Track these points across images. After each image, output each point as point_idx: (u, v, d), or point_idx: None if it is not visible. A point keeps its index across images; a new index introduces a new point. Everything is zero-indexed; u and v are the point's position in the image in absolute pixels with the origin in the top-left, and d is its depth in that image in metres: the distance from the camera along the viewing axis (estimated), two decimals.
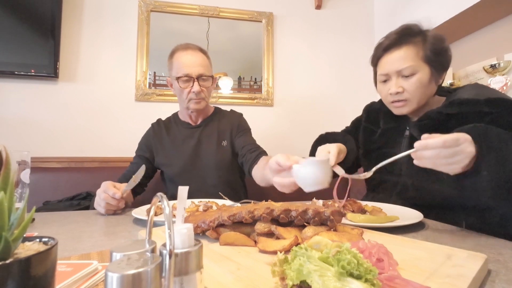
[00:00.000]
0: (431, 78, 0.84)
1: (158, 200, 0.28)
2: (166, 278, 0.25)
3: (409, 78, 0.84)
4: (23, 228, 0.25)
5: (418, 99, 0.85)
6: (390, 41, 0.86)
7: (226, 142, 1.22)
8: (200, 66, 1.12)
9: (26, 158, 0.71)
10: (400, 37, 0.85)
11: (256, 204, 0.57)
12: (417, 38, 0.84)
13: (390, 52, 0.86)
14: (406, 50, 0.84)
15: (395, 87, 0.86)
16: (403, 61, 0.83)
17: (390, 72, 0.86)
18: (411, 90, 0.84)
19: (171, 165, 1.19)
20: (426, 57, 0.83)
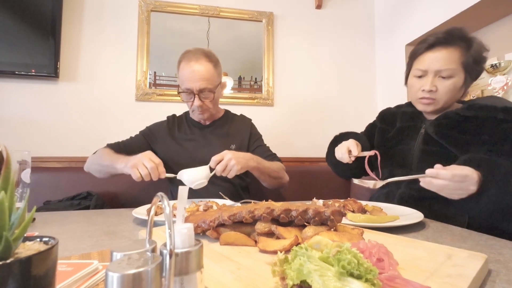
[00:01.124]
0: (463, 84, 0.86)
1: (159, 200, 0.28)
2: (167, 278, 0.25)
3: (445, 80, 0.85)
4: (23, 227, 0.25)
5: (445, 101, 0.88)
6: (437, 38, 0.86)
7: (235, 146, 1.23)
8: (202, 81, 1.09)
9: (26, 157, 0.71)
10: (449, 36, 0.86)
11: (257, 204, 0.57)
12: (463, 43, 0.85)
13: (434, 50, 0.87)
14: (451, 52, 0.84)
15: (429, 85, 0.86)
16: (445, 62, 0.84)
17: (429, 69, 0.87)
18: (444, 92, 0.86)
19: (177, 160, 1.20)
20: (467, 63, 0.84)
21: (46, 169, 1.48)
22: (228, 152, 0.97)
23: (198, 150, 1.21)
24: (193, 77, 1.09)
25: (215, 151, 1.19)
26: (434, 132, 0.86)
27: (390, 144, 1.02)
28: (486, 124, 0.79)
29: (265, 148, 1.30)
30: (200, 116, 1.20)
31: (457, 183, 0.65)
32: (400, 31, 1.88)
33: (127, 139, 1.25)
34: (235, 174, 0.96)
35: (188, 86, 1.10)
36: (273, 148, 1.34)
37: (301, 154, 1.94)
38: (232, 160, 0.95)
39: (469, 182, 0.65)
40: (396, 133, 1.01)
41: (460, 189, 0.66)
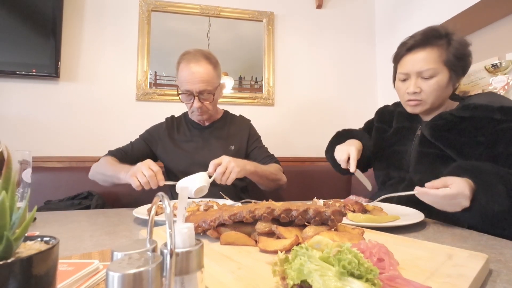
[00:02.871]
0: (449, 81, 0.85)
1: (159, 200, 0.28)
2: (167, 278, 0.25)
3: (428, 80, 0.85)
4: (24, 227, 0.25)
5: (433, 101, 0.87)
6: (414, 41, 0.86)
7: (234, 147, 1.23)
8: (202, 82, 1.09)
9: (27, 157, 0.71)
10: (425, 38, 0.85)
11: (257, 204, 0.57)
12: (442, 41, 0.84)
13: (413, 53, 0.87)
14: (430, 52, 0.84)
15: (413, 87, 0.86)
16: (425, 63, 0.84)
17: (410, 72, 0.87)
18: (428, 91, 0.85)
19: (176, 162, 1.20)
20: (448, 61, 0.83)
21: (47, 168, 1.48)
22: (226, 157, 0.97)
23: (197, 152, 1.21)
24: (193, 79, 1.08)
25: (214, 153, 1.19)
26: (429, 134, 0.86)
27: (386, 144, 1.02)
28: (482, 125, 0.78)
29: (263, 149, 1.30)
30: (199, 117, 1.20)
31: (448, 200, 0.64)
32: (401, 31, 1.88)
33: (128, 144, 1.25)
34: (234, 177, 0.95)
35: (188, 88, 1.09)
36: (274, 148, 1.34)
37: (302, 154, 1.94)
38: (231, 163, 0.95)
39: (461, 199, 0.63)
40: (393, 134, 1.01)
41: (452, 204, 0.65)
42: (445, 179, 0.66)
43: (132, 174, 0.90)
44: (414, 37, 0.88)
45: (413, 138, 0.94)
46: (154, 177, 0.89)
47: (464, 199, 0.63)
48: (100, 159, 1.14)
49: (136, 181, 0.89)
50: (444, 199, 0.64)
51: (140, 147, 1.23)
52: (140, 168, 0.90)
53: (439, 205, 0.67)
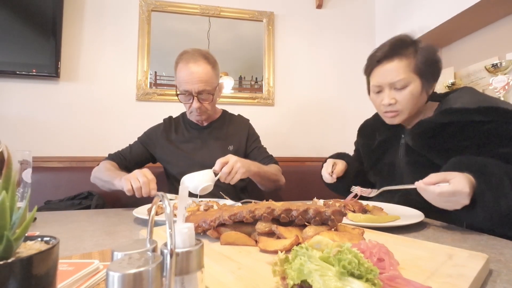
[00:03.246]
0: (422, 89, 0.84)
1: (159, 200, 0.28)
2: (167, 278, 0.25)
3: (401, 90, 0.84)
4: (24, 227, 0.25)
5: (410, 110, 0.86)
6: (382, 53, 0.86)
7: (233, 147, 1.23)
8: (201, 82, 1.08)
9: (27, 157, 0.71)
10: (392, 49, 0.85)
11: (257, 204, 0.57)
12: (409, 50, 0.84)
13: (383, 64, 0.86)
14: (398, 63, 0.83)
15: (388, 99, 0.86)
16: (396, 74, 0.83)
17: (382, 84, 0.86)
18: (404, 102, 0.85)
19: (175, 163, 1.20)
20: (418, 69, 0.83)
21: (47, 168, 1.48)
22: (233, 156, 0.97)
23: (196, 152, 1.21)
24: (191, 79, 1.08)
25: (213, 153, 1.19)
26: (412, 143, 0.85)
27: (374, 159, 1.01)
28: (464, 129, 0.76)
29: (262, 150, 1.29)
30: (198, 117, 1.19)
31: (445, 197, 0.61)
32: (401, 30, 1.85)
33: (126, 147, 1.25)
34: (239, 178, 0.95)
35: (187, 88, 1.09)
36: (274, 148, 1.34)
37: (302, 154, 1.94)
38: (238, 163, 0.94)
39: (459, 197, 0.60)
40: (378, 147, 1.00)
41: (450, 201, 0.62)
42: (445, 174, 0.62)
43: (126, 178, 0.91)
44: (381, 48, 0.87)
45: (399, 148, 0.93)
46: (147, 184, 0.89)
47: (464, 197, 0.59)
48: (100, 164, 1.15)
49: (128, 185, 0.89)
50: (441, 196, 0.61)
51: (139, 151, 1.24)
52: (136, 174, 0.91)
53: (436, 203, 0.63)
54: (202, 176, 0.89)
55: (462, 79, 1.63)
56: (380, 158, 0.99)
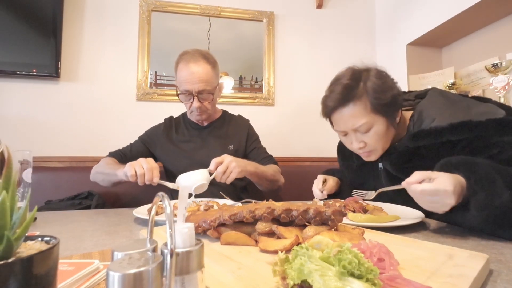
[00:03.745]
0: (388, 125, 0.80)
1: (159, 200, 0.28)
2: (167, 278, 0.25)
3: (367, 133, 0.81)
4: (25, 227, 0.25)
5: (382, 147, 0.83)
6: (334, 102, 0.82)
7: (233, 147, 1.23)
8: (201, 82, 1.09)
9: (28, 157, 0.71)
10: (342, 96, 0.80)
11: (257, 204, 0.57)
12: (360, 90, 0.79)
13: (339, 111, 0.82)
14: (353, 108, 0.79)
15: (356, 143, 0.83)
16: (356, 120, 0.79)
17: (346, 129, 0.83)
18: (372, 143, 0.81)
19: (175, 163, 1.21)
20: (375, 109, 0.78)
21: (47, 168, 1.48)
22: (228, 156, 0.97)
23: (196, 152, 1.21)
24: (192, 78, 1.08)
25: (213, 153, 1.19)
26: (392, 169, 0.83)
27: (358, 182, 0.99)
28: (439, 150, 0.73)
29: (262, 150, 1.30)
30: (198, 117, 1.20)
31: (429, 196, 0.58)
32: (401, 30, 1.88)
33: (127, 146, 1.26)
34: (234, 177, 0.95)
35: (187, 88, 1.09)
36: (274, 148, 1.34)
37: (302, 154, 1.94)
38: (232, 163, 0.95)
39: (443, 196, 0.57)
40: (357, 170, 0.98)
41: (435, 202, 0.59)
42: (430, 173, 0.60)
43: (130, 164, 0.91)
44: (331, 97, 0.83)
45: (379, 174, 0.91)
46: (151, 170, 0.88)
47: (447, 196, 0.56)
48: (100, 161, 1.15)
49: (132, 170, 0.88)
50: (423, 194, 0.59)
51: (139, 149, 1.24)
52: (140, 161, 0.91)
53: (421, 202, 0.61)
54: (197, 175, 0.89)
55: (463, 79, 1.63)
56: (364, 182, 0.98)
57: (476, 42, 1.62)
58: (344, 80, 0.82)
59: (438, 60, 1.87)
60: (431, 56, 1.85)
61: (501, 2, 1.35)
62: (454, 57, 1.79)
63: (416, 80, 1.78)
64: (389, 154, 0.83)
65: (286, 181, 1.24)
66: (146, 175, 0.88)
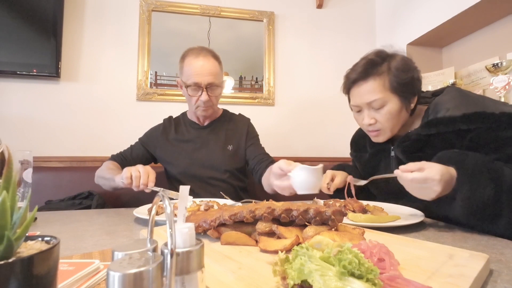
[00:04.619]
0: (401, 106, 0.83)
1: (160, 200, 0.28)
2: (168, 277, 0.25)
3: (380, 110, 0.84)
4: (25, 227, 0.25)
5: (391, 128, 0.85)
6: (356, 74, 0.85)
7: (232, 146, 1.22)
8: (210, 75, 1.09)
9: (28, 157, 0.71)
10: (365, 69, 0.84)
11: (257, 204, 0.57)
12: (382, 68, 0.83)
13: (358, 85, 0.86)
14: (373, 83, 0.82)
15: (367, 119, 0.86)
16: (371, 94, 0.83)
17: (360, 104, 0.86)
18: (383, 121, 0.84)
19: (175, 163, 1.20)
20: (393, 87, 0.81)
21: (47, 168, 1.48)
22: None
23: (195, 152, 1.20)
24: (202, 71, 1.08)
25: (212, 153, 1.19)
26: (403, 156, 0.84)
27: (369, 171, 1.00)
28: (451, 139, 0.75)
29: (258, 147, 1.26)
30: (203, 112, 1.17)
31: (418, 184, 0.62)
32: (401, 30, 1.87)
33: (127, 148, 1.26)
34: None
35: (197, 80, 1.08)
36: (274, 148, 1.34)
37: (302, 154, 1.94)
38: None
39: (431, 184, 0.60)
40: (369, 159, 1.00)
41: (423, 189, 0.62)
42: (422, 164, 0.63)
43: (127, 168, 0.91)
44: (355, 70, 0.87)
45: (390, 162, 0.92)
46: (146, 174, 0.88)
47: (435, 184, 0.60)
48: (103, 164, 1.15)
49: (128, 173, 0.88)
50: (412, 182, 0.62)
51: (139, 152, 1.24)
52: (137, 166, 0.91)
53: (411, 190, 0.65)
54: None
55: (463, 79, 1.63)
56: (374, 171, 0.98)
57: (476, 42, 1.62)
58: (371, 56, 0.86)
59: (439, 60, 1.87)
60: (431, 56, 1.85)
61: (501, 2, 1.35)
62: (454, 57, 1.78)
63: None
64: (401, 142, 0.85)
65: None
66: (142, 178, 0.87)
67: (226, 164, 1.19)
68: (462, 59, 1.70)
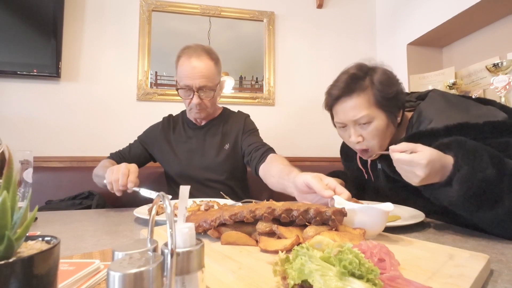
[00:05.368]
0: (388, 122, 0.81)
1: (160, 200, 0.28)
2: (168, 277, 0.25)
3: (366, 126, 0.81)
4: (26, 227, 0.25)
5: (379, 145, 0.83)
6: (339, 90, 0.82)
7: (229, 145, 1.19)
8: (202, 78, 1.05)
9: (28, 157, 0.71)
10: (347, 85, 0.81)
11: (258, 204, 0.57)
12: (365, 82, 0.80)
13: (342, 101, 0.82)
14: (357, 99, 0.80)
15: (354, 137, 0.82)
16: (357, 111, 0.79)
17: (345, 121, 0.83)
18: (370, 138, 0.81)
19: (172, 164, 1.19)
20: (378, 103, 0.79)
21: (48, 168, 1.48)
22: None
23: (193, 153, 1.18)
24: (193, 73, 1.04)
25: (209, 153, 1.16)
26: (389, 170, 0.82)
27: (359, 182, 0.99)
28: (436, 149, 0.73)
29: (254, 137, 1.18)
30: (197, 115, 1.15)
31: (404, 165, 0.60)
32: (402, 30, 1.87)
33: (126, 147, 1.25)
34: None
35: (188, 83, 1.05)
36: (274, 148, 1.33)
37: (302, 154, 1.94)
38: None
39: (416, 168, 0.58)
40: (357, 172, 0.98)
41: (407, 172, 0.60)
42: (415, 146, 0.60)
43: (110, 169, 0.89)
44: (336, 85, 0.84)
45: (378, 175, 0.91)
46: (126, 175, 0.86)
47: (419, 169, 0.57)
48: (100, 163, 1.14)
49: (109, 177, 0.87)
50: (398, 163, 0.61)
51: (138, 150, 1.23)
52: (119, 166, 0.89)
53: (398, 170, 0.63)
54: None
55: (463, 79, 1.63)
56: (365, 182, 0.97)
57: (476, 42, 1.62)
58: (352, 70, 0.83)
59: (439, 60, 1.87)
60: (431, 56, 1.85)
61: (502, 2, 1.35)
62: (454, 57, 1.78)
63: (417, 80, 1.78)
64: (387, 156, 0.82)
65: None
66: (120, 180, 0.85)
67: (223, 165, 1.16)
68: (463, 59, 1.70)
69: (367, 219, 0.52)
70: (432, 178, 0.59)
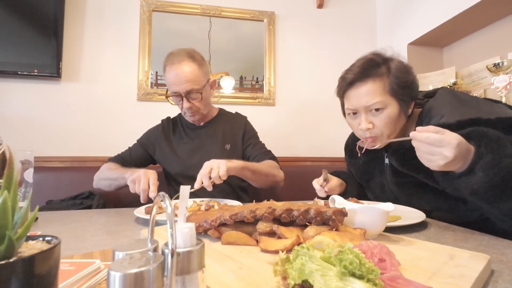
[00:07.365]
0: (400, 111, 0.80)
1: (160, 200, 0.28)
2: (168, 277, 0.25)
3: (378, 114, 0.79)
4: (26, 227, 0.25)
5: (388, 134, 0.81)
6: (354, 75, 0.81)
7: (230, 146, 1.21)
8: (187, 82, 1.07)
9: (29, 157, 0.71)
10: (363, 70, 0.80)
11: (258, 204, 0.57)
12: (381, 70, 0.79)
13: (356, 87, 0.81)
14: (372, 85, 0.79)
15: (365, 123, 0.81)
16: (371, 97, 0.78)
17: (357, 107, 0.81)
18: (381, 126, 0.80)
19: (173, 164, 1.20)
20: (393, 90, 0.78)
21: (48, 168, 1.48)
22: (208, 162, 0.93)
23: (193, 153, 1.20)
24: (178, 80, 1.07)
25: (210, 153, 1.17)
26: (397, 164, 0.81)
27: (365, 177, 0.98)
28: None
29: (258, 145, 1.25)
30: (191, 118, 1.19)
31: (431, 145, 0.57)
32: (402, 30, 1.87)
33: (126, 150, 1.25)
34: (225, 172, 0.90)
35: (175, 90, 1.09)
36: (274, 148, 1.33)
37: (303, 154, 1.93)
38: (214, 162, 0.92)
39: (445, 148, 0.55)
40: (363, 168, 0.97)
41: (434, 153, 0.57)
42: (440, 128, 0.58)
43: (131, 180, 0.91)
44: (352, 70, 0.82)
45: (384, 169, 0.90)
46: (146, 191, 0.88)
47: (449, 149, 0.55)
48: (101, 167, 1.15)
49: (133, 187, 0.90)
50: (426, 141, 0.58)
51: (138, 153, 1.24)
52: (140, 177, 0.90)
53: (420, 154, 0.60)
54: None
55: (464, 79, 1.63)
56: (369, 178, 0.97)
57: (477, 42, 1.62)
58: (369, 56, 0.83)
59: (439, 59, 1.87)
60: (432, 55, 1.85)
61: (502, 2, 1.35)
62: (455, 56, 1.78)
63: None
64: (396, 150, 0.83)
65: (286, 181, 1.23)
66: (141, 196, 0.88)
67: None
68: (463, 59, 1.70)
69: (368, 219, 0.53)
70: (456, 163, 0.58)
